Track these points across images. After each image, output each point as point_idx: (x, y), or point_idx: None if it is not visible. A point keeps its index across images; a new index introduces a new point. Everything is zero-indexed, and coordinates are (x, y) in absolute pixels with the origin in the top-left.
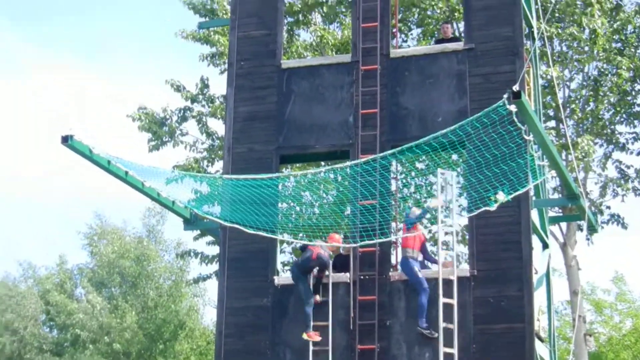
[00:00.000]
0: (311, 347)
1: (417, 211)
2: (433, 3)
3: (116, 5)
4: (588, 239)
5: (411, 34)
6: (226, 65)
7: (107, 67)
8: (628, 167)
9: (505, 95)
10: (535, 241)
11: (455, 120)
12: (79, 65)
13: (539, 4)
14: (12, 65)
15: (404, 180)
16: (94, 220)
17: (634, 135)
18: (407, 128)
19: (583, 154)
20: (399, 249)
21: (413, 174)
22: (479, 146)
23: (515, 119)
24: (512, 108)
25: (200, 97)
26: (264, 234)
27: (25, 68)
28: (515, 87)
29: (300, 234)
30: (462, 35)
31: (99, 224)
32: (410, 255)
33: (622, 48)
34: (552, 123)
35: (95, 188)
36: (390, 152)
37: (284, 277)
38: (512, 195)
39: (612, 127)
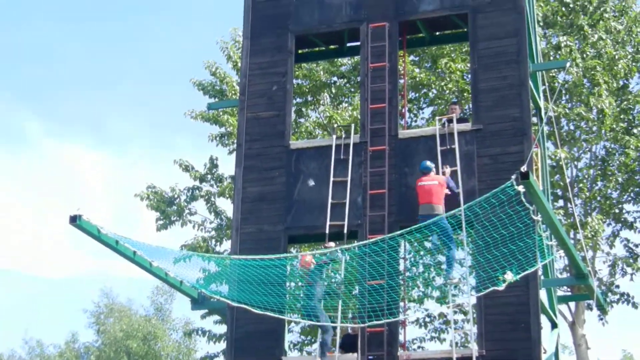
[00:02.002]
0: None
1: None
2: (442, 84)
3: (125, 84)
4: (602, 319)
5: (422, 112)
6: (235, 145)
7: (116, 147)
8: (637, 245)
9: (514, 176)
10: (544, 320)
11: (464, 200)
12: (88, 144)
13: (547, 84)
14: (21, 141)
15: (412, 260)
16: (101, 299)
17: None
18: (415, 208)
19: (593, 233)
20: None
21: (422, 253)
22: (488, 226)
23: (524, 199)
24: (521, 189)
25: (209, 176)
26: (272, 314)
27: (35, 145)
28: (524, 168)
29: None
30: (471, 115)
31: (107, 303)
32: (437, 213)
33: (629, 128)
34: (560, 202)
35: (103, 265)
36: (398, 233)
37: (292, 356)
38: (520, 275)
39: (620, 206)
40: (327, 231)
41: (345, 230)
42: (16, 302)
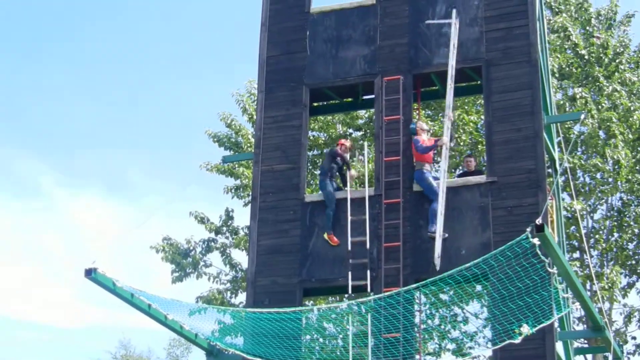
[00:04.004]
0: None
1: (424, 126)
2: (456, 136)
3: (140, 136)
4: None
5: (437, 165)
6: (250, 198)
7: (131, 198)
8: None
9: (529, 229)
10: None
11: (479, 253)
12: (102, 196)
13: (562, 135)
14: (35, 194)
15: (428, 312)
16: (119, 350)
17: None
18: (430, 261)
19: (610, 284)
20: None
21: (437, 306)
22: (503, 279)
23: (539, 252)
24: (536, 241)
25: (224, 228)
26: None
27: (48, 197)
28: (539, 221)
29: None
30: (485, 167)
31: (124, 354)
32: (426, 169)
33: None
34: (577, 253)
35: (118, 316)
36: (413, 286)
37: None
38: (536, 328)
39: (637, 257)
40: (349, 283)
41: (368, 282)
42: (31, 352)
